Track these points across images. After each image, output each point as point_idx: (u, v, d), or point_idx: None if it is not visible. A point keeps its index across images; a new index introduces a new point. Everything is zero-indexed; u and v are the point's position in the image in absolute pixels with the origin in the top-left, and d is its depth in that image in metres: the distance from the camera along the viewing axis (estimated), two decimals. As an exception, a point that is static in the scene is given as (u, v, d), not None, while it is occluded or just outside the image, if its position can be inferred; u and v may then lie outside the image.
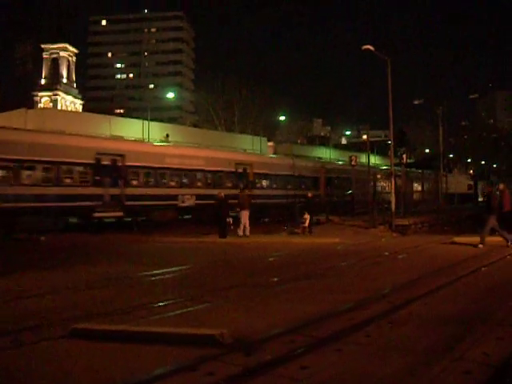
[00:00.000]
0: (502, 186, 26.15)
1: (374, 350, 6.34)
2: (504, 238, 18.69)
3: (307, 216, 25.98)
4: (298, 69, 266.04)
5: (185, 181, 33.69)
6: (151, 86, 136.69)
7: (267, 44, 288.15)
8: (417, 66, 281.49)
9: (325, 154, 72.79)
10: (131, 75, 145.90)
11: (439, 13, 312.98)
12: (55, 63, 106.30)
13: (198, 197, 33.39)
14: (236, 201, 26.40)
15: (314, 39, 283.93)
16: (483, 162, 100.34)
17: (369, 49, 30.52)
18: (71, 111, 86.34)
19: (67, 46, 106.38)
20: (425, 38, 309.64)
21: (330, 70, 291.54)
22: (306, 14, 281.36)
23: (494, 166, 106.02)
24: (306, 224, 25.88)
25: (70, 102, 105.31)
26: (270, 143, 69.44)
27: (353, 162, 39.55)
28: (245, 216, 24.60)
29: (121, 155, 29.44)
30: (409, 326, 7.56)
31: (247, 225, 24.60)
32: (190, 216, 33.90)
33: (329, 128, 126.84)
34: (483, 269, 13.24)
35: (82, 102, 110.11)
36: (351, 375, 5.34)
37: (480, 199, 66.11)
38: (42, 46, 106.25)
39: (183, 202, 32.79)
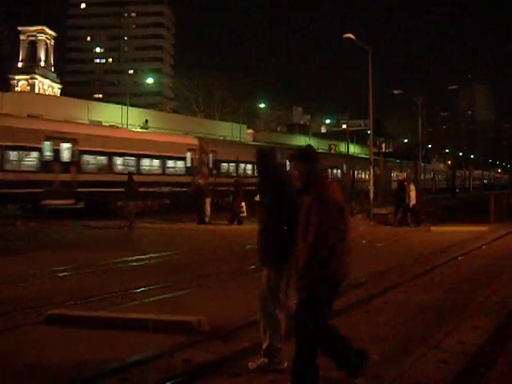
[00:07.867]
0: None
1: (350, 339, 6.34)
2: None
3: (208, 207, 24.05)
4: (278, 57, 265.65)
5: None
6: (130, 71, 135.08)
7: (248, 31, 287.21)
8: (398, 56, 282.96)
9: (304, 142, 72.83)
10: (110, 60, 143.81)
11: (421, 4, 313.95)
12: (33, 46, 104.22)
13: None
14: (41, 189, 23.76)
15: (295, 27, 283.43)
16: (460, 154, 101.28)
17: (350, 37, 30.50)
18: (49, 95, 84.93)
19: (45, 28, 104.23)
20: (407, 28, 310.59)
21: (311, 59, 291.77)
22: (287, 2, 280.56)
23: (472, 156, 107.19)
24: (207, 219, 23.96)
25: (47, 86, 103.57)
26: (250, 131, 69.27)
27: (332, 151, 39.88)
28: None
29: None
30: (385, 314, 7.59)
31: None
32: None
33: (308, 117, 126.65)
34: (459, 258, 13.37)
35: (60, 86, 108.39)
36: (326, 362, 5.33)
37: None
38: (19, 28, 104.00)
39: None
